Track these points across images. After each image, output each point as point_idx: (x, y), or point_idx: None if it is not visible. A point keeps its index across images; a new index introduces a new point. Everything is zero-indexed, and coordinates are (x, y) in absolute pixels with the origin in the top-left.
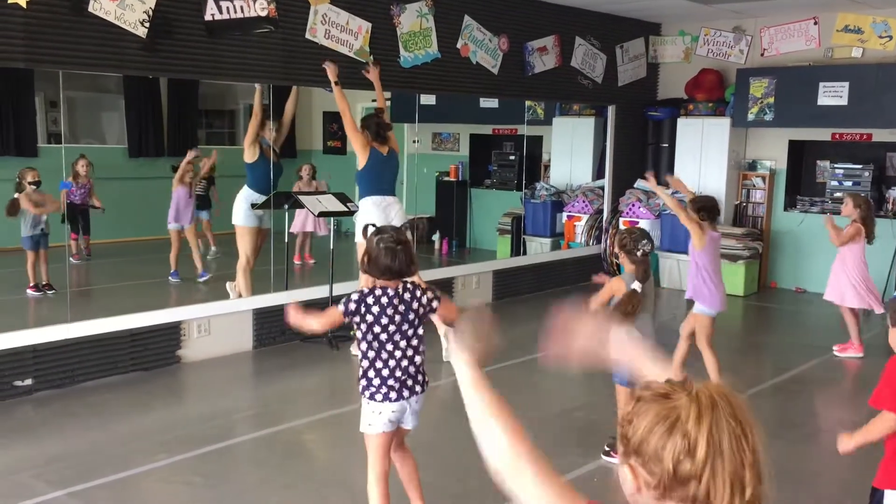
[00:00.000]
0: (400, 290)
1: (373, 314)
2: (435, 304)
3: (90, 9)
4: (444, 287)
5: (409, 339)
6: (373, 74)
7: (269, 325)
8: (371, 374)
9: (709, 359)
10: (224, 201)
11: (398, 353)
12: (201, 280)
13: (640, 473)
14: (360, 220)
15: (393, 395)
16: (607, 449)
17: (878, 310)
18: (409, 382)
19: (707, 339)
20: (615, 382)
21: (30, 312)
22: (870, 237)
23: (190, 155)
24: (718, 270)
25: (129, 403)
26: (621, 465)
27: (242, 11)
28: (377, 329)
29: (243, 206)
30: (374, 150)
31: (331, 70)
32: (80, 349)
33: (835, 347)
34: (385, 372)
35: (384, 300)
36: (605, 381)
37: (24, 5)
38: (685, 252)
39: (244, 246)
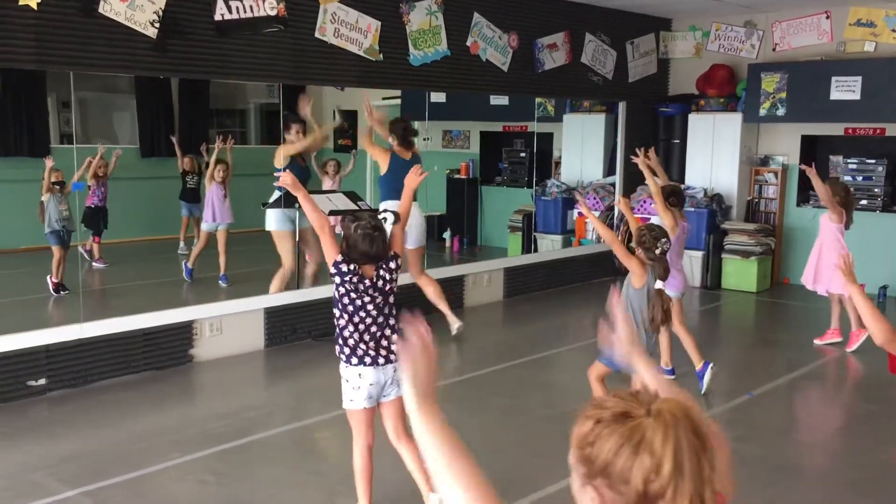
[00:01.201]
0: (374, 280)
1: (345, 288)
2: (397, 273)
3: (100, 10)
4: (455, 284)
5: (380, 309)
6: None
7: (281, 324)
8: (345, 334)
9: (685, 339)
10: (234, 200)
11: (368, 320)
12: (222, 284)
13: (605, 494)
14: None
15: (367, 359)
16: None
17: (837, 293)
18: (383, 352)
19: (679, 320)
20: (600, 361)
21: (43, 312)
22: (848, 223)
23: (219, 145)
24: (681, 256)
25: (142, 402)
26: (582, 487)
27: (252, 11)
28: (346, 301)
29: (276, 212)
30: (395, 155)
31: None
32: (93, 349)
33: (816, 340)
34: (356, 336)
35: (360, 287)
36: (619, 378)
37: (34, 7)
38: (696, 248)
39: (285, 251)
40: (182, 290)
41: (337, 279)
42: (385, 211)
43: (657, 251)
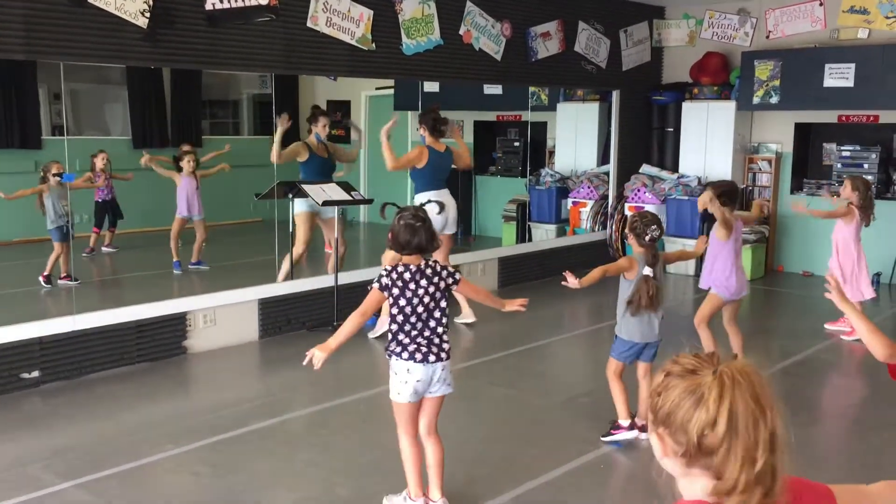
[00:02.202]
0: (422, 267)
1: (398, 287)
2: (451, 280)
3: None
4: None
5: (430, 311)
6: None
7: (275, 314)
8: (399, 337)
9: (705, 336)
10: (228, 193)
11: (420, 324)
12: (193, 266)
13: (667, 442)
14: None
15: (418, 356)
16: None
17: (869, 295)
18: (434, 349)
19: (708, 317)
20: (611, 356)
21: (37, 304)
22: (867, 220)
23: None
24: (739, 255)
25: (136, 394)
26: (650, 433)
27: (243, 0)
28: (402, 302)
29: (302, 203)
30: (431, 149)
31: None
32: (86, 341)
33: (826, 325)
34: (409, 338)
35: (406, 276)
36: (630, 370)
37: None
38: (692, 237)
39: (300, 233)
40: (175, 281)
41: (396, 291)
42: (430, 201)
43: (647, 238)
